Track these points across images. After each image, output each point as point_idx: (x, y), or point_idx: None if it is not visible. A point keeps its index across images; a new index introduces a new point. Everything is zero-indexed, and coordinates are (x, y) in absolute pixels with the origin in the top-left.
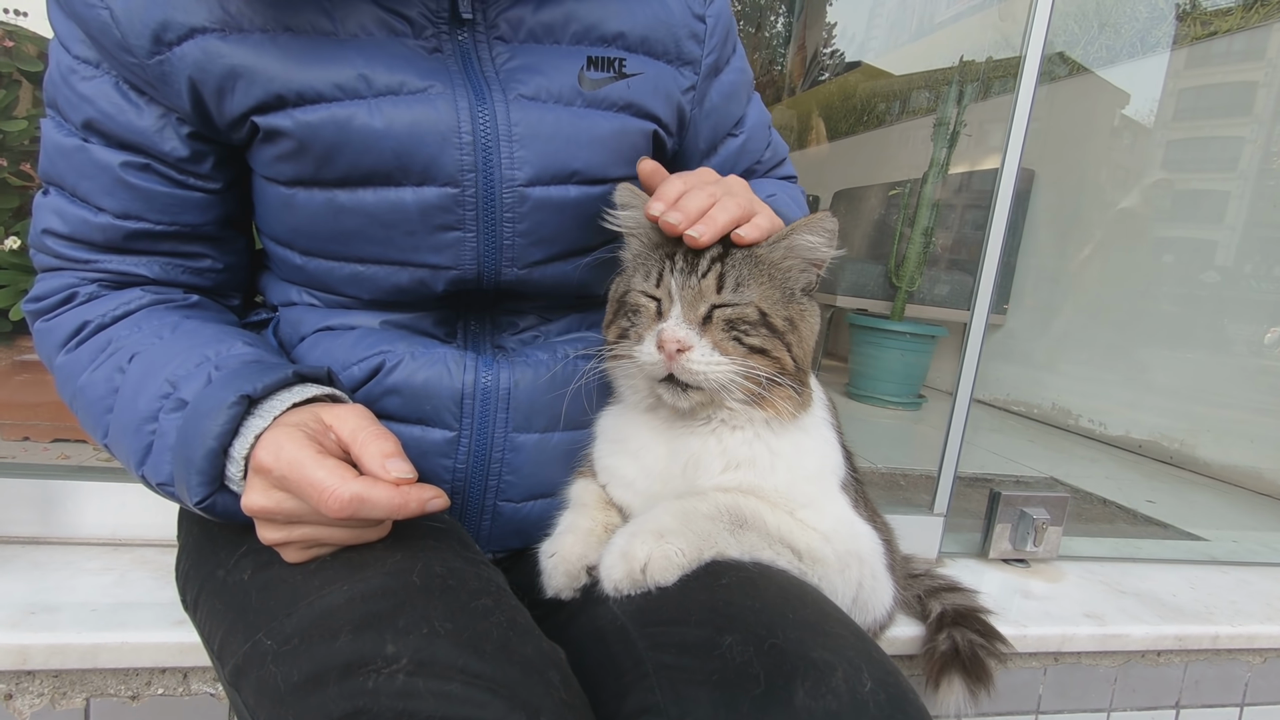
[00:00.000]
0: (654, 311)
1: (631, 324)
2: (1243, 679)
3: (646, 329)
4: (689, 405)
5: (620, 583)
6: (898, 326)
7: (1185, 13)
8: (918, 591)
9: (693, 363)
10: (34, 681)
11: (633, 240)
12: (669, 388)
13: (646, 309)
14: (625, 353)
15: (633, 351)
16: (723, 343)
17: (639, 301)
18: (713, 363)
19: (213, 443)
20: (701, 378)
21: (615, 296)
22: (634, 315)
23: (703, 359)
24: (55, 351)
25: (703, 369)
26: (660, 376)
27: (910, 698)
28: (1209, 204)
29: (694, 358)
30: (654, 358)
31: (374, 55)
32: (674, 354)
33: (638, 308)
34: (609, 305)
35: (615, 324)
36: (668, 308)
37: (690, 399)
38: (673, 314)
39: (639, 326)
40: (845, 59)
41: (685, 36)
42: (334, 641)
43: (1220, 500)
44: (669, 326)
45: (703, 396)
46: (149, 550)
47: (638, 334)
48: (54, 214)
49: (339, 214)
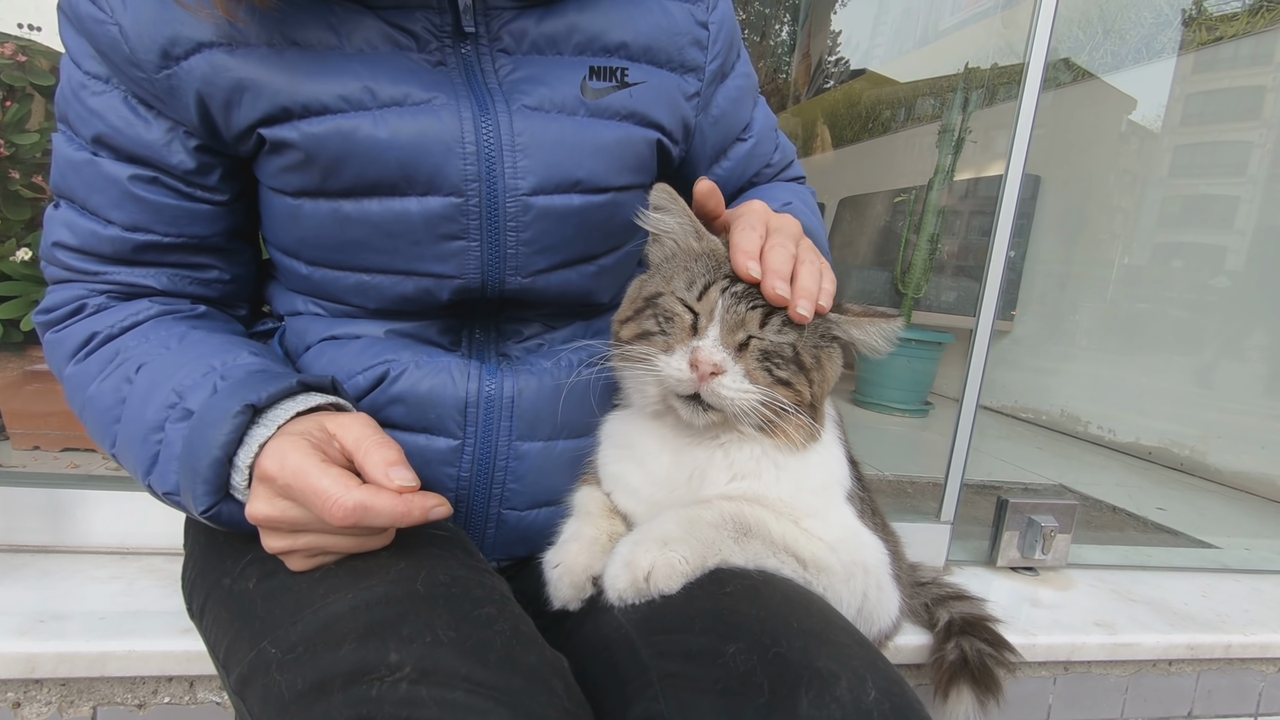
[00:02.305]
0: (689, 325)
1: (661, 330)
2: (1256, 689)
3: (679, 342)
4: (704, 424)
5: (624, 591)
6: (904, 333)
7: (1191, 18)
8: (925, 599)
9: (724, 388)
10: (41, 690)
11: (666, 241)
12: (688, 405)
13: (681, 319)
14: (644, 357)
15: (657, 361)
16: (754, 371)
17: (674, 309)
18: (742, 390)
19: (218, 452)
20: (728, 403)
21: (641, 295)
22: (665, 322)
23: (734, 385)
24: (65, 362)
25: (731, 395)
26: (684, 394)
27: (916, 708)
28: (1218, 209)
29: (725, 383)
30: (684, 375)
31: (379, 68)
32: (707, 375)
33: (671, 315)
34: (628, 302)
35: (635, 322)
36: (705, 325)
37: (708, 419)
38: (710, 334)
39: (671, 337)
40: (850, 67)
41: (688, 44)
42: (338, 650)
43: (1232, 507)
44: (706, 348)
45: (720, 418)
46: (158, 559)
47: (667, 344)
48: (64, 227)
49: (344, 224)
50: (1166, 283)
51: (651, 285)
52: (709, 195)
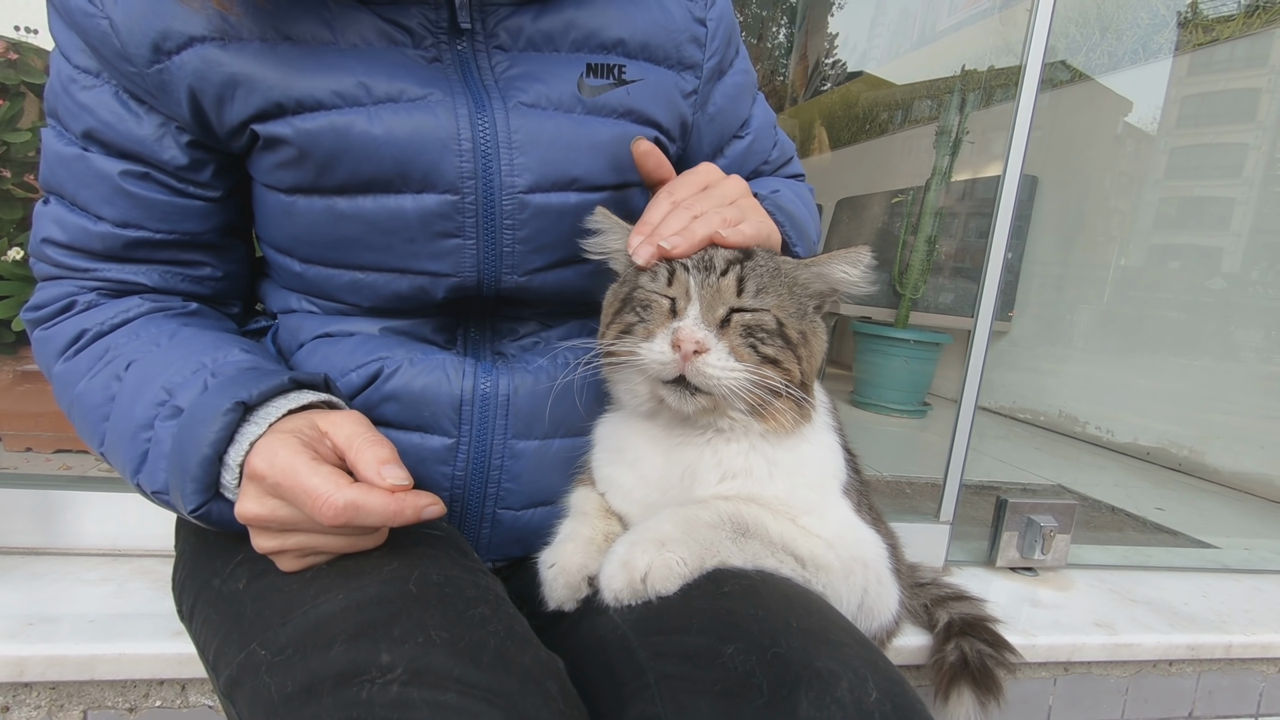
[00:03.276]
0: (667, 309)
1: (640, 319)
2: (1257, 689)
3: (659, 326)
4: (693, 410)
5: (621, 592)
6: (902, 334)
7: (1186, 19)
8: (924, 600)
9: (709, 366)
10: (31, 694)
11: (620, 257)
12: (675, 390)
13: (659, 305)
14: (628, 350)
15: (638, 349)
16: (739, 348)
17: (649, 298)
18: (728, 368)
19: (207, 450)
20: (715, 382)
21: (618, 296)
22: (643, 310)
23: (719, 363)
24: (54, 360)
25: (718, 374)
26: (669, 378)
27: (918, 708)
28: (1214, 211)
29: (711, 360)
30: (666, 357)
31: (374, 64)
32: (690, 355)
33: (648, 303)
34: (607, 308)
35: (616, 322)
36: (683, 306)
37: (696, 403)
38: (690, 313)
39: (649, 323)
40: (847, 68)
41: (686, 41)
42: (328, 651)
43: (1231, 508)
44: (687, 325)
45: (709, 402)
46: (149, 560)
47: (646, 330)
48: (54, 223)
49: (338, 221)
50: (1163, 284)
51: (625, 287)
52: (646, 156)
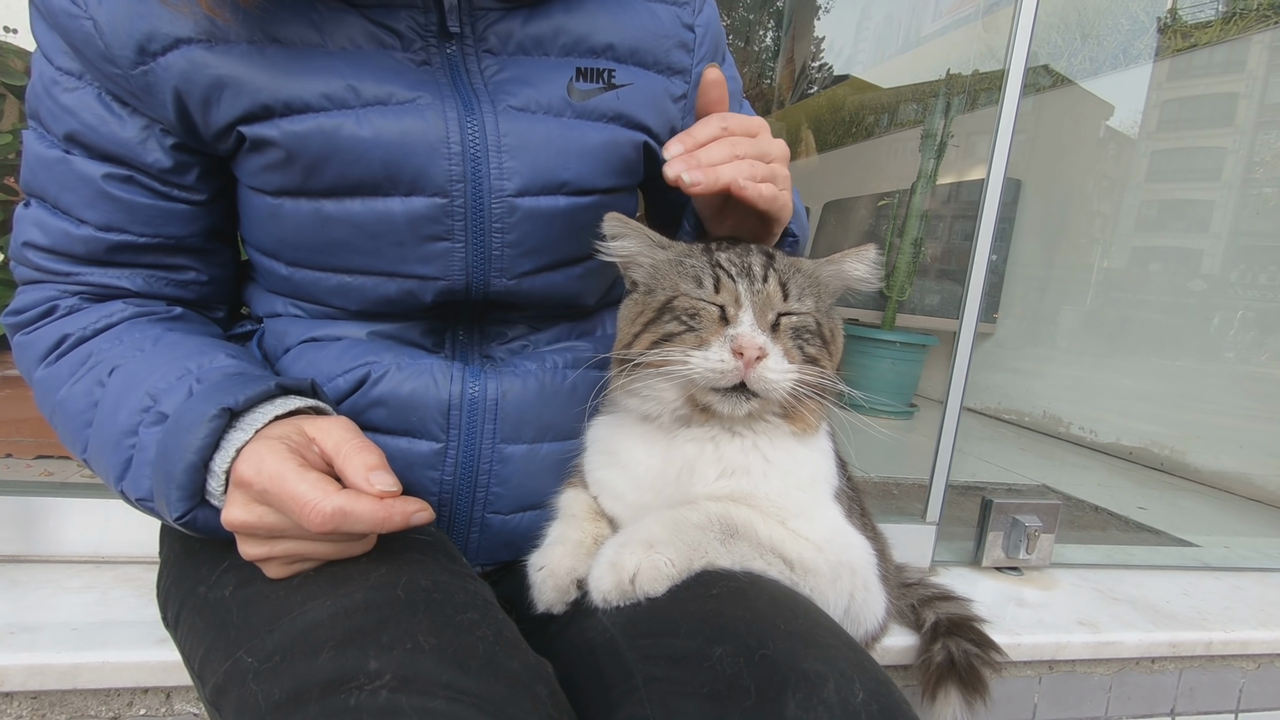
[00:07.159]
0: (717, 316)
1: (688, 327)
2: (1237, 685)
3: (712, 334)
4: (745, 413)
5: (609, 594)
6: (889, 336)
7: (1166, 25)
8: (911, 600)
9: (770, 370)
10: (12, 704)
11: (641, 261)
12: (728, 397)
13: (708, 312)
14: (678, 359)
15: (691, 358)
16: (790, 351)
17: (696, 306)
18: (784, 371)
19: (193, 456)
20: (773, 386)
21: (650, 305)
22: (690, 319)
23: (777, 367)
24: (35, 365)
25: (776, 377)
26: (727, 385)
27: (903, 708)
28: (1194, 213)
29: (770, 365)
30: (728, 364)
31: (362, 67)
32: (753, 360)
33: (695, 311)
34: (633, 318)
35: (651, 330)
36: (734, 313)
37: (749, 407)
38: (744, 319)
39: (701, 331)
40: (833, 72)
41: (674, 46)
42: (316, 658)
43: (1211, 506)
44: (748, 333)
45: (759, 405)
46: (133, 568)
47: (699, 339)
48: (35, 226)
49: (326, 224)
50: (1145, 286)
51: (658, 296)
52: (714, 85)
